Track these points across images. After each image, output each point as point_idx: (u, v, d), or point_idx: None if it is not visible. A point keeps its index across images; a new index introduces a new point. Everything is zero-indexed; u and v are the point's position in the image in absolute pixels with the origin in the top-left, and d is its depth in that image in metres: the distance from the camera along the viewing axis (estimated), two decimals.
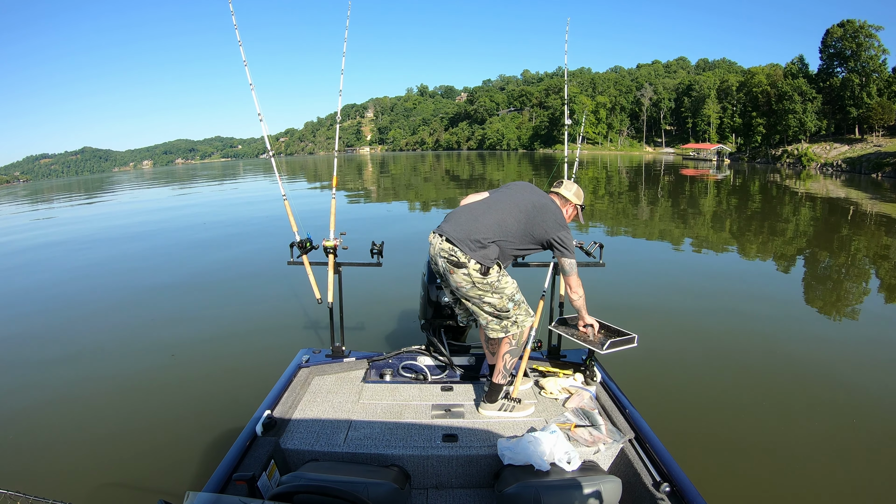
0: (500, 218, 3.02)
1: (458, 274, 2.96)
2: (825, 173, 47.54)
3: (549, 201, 3.18)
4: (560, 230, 3.07)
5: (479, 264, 2.94)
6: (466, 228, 2.98)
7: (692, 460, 3.29)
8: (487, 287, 2.99)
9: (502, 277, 3.06)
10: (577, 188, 3.38)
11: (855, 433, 4.39)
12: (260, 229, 16.16)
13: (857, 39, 56.37)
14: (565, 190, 3.35)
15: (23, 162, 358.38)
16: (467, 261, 2.93)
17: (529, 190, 3.25)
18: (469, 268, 2.93)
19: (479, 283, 2.96)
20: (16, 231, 19.96)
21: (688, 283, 9.23)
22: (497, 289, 3.02)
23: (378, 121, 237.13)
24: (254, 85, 3.76)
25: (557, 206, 3.19)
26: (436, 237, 3.06)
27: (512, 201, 3.11)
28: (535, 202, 3.12)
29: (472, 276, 2.95)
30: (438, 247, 3.02)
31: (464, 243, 2.93)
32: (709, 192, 29.06)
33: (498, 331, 3.09)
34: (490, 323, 3.09)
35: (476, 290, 2.99)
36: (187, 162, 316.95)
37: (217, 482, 2.36)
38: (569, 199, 3.33)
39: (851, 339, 6.70)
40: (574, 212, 3.37)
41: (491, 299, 3.02)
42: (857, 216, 18.97)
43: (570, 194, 3.33)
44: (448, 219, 3.11)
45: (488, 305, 3.04)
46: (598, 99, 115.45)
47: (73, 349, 6.59)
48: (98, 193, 45.68)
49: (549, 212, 3.10)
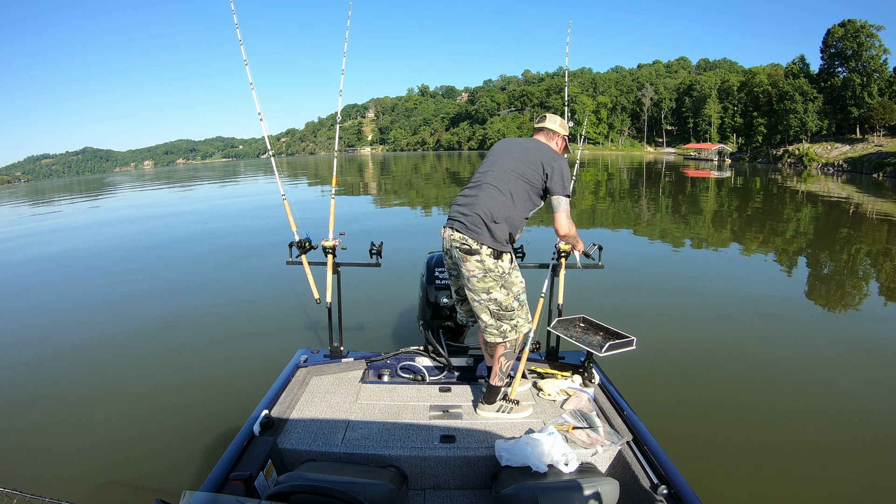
0: (497, 185, 3.02)
1: (470, 261, 2.95)
2: (826, 173, 47.54)
3: (536, 142, 3.21)
4: (556, 159, 3.07)
5: (492, 249, 2.93)
6: (471, 213, 2.98)
7: (690, 462, 3.27)
8: (498, 277, 2.97)
9: (513, 270, 3.05)
10: (560, 119, 3.36)
11: (854, 435, 4.37)
12: (259, 230, 16.15)
13: (858, 39, 56.44)
14: (550, 123, 3.33)
15: (24, 162, 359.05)
16: (479, 247, 2.93)
17: (511, 143, 3.25)
18: (482, 254, 2.93)
19: (492, 270, 2.95)
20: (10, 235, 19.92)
21: (686, 286, 9.21)
22: (507, 282, 3.01)
23: (379, 121, 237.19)
24: (254, 85, 3.74)
25: (545, 144, 3.23)
26: (446, 230, 3.09)
27: (501, 164, 3.10)
28: (524, 147, 3.15)
29: (484, 263, 2.94)
30: (450, 238, 3.04)
31: (473, 230, 2.94)
32: (710, 192, 29.04)
33: (496, 335, 3.07)
34: (489, 327, 3.07)
35: (486, 281, 2.96)
36: (188, 162, 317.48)
37: (214, 482, 2.36)
38: (556, 130, 3.31)
39: (851, 340, 6.68)
40: (563, 143, 3.37)
41: (498, 294, 2.99)
42: (858, 216, 18.95)
43: (555, 126, 3.31)
44: (453, 210, 3.12)
45: (494, 303, 3.01)
46: (599, 99, 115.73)
47: (71, 349, 6.58)
48: (97, 195, 45.59)
49: (541, 150, 3.12)
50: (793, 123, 60.75)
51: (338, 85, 4.36)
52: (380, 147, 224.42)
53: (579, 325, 3.68)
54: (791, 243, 13.45)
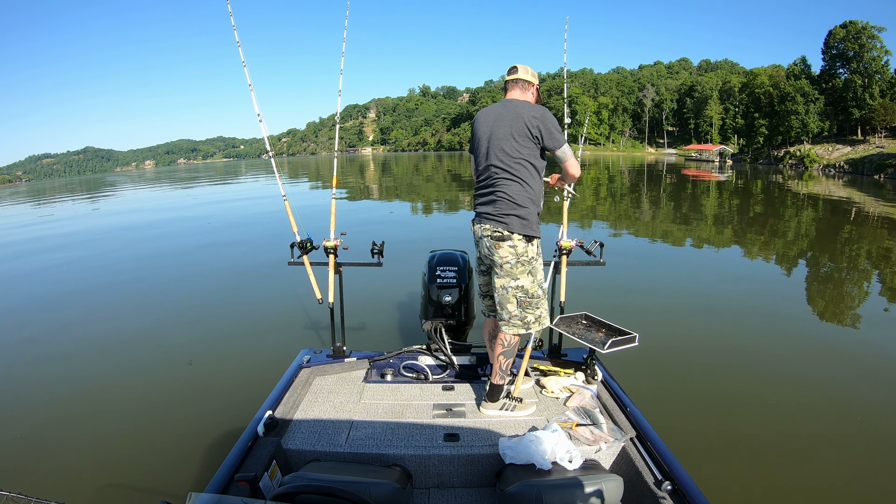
0: (505, 174, 3.01)
1: (503, 248, 2.99)
2: (827, 174, 47.49)
3: (513, 108, 3.06)
4: (539, 119, 2.98)
5: (522, 235, 2.98)
6: (496, 205, 3.02)
7: (694, 459, 3.28)
8: (527, 262, 3.01)
9: (538, 258, 3.10)
10: (530, 68, 3.24)
11: (858, 432, 4.37)
12: (260, 230, 16.17)
13: (859, 40, 56.46)
14: (523, 73, 3.20)
15: (25, 161, 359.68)
16: (510, 234, 2.97)
17: (494, 119, 3.11)
18: (514, 239, 2.97)
19: (523, 256, 3.00)
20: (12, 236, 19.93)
21: (689, 282, 9.23)
22: (534, 268, 3.06)
23: (380, 121, 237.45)
24: (253, 86, 3.74)
25: (521, 103, 3.09)
26: (476, 225, 3.13)
27: (496, 148, 3.04)
28: (508, 121, 3.03)
29: (516, 248, 2.98)
30: (481, 230, 3.09)
31: (501, 220, 2.98)
32: (711, 192, 29.02)
33: (520, 326, 3.08)
34: (513, 318, 3.08)
35: (518, 268, 3.00)
36: (189, 162, 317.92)
37: (219, 483, 2.36)
38: (530, 80, 3.20)
39: (854, 337, 6.69)
40: (537, 92, 3.27)
41: (525, 282, 3.03)
42: (860, 217, 18.93)
43: (528, 76, 3.20)
44: (478, 205, 3.15)
45: (520, 291, 3.03)
46: (600, 100, 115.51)
47: (74, 350, 6.59)
48: (97, 196, 45.61)
49: (519, 117, 3.00)
50: (794, 125, 60.77)
51: (338, 85, 4.36)
52: (381, 147, 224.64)
53: (582, 322, 3.68)
54: (792, 244, 13.42)
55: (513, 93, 3.21)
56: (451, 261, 4.15)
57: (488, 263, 3.18)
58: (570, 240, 3.84)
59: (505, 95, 3.24)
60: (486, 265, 3.22)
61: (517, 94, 3.20)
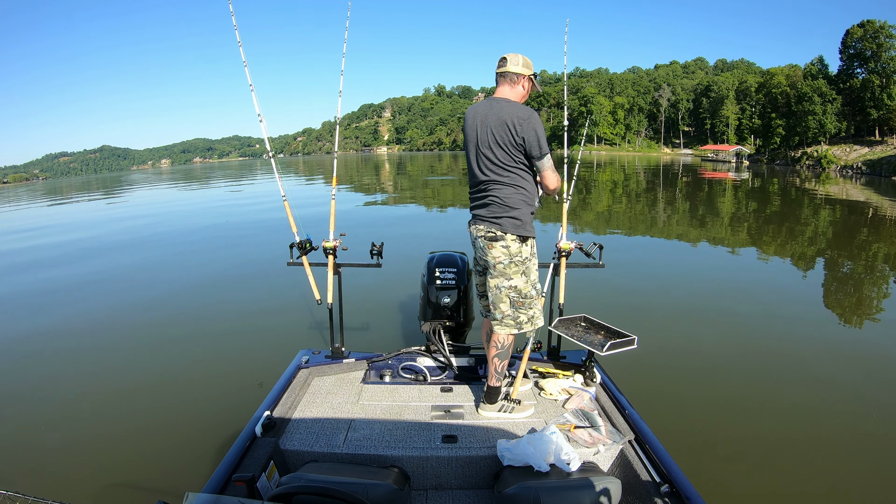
0: (496, 178, 3.00)
1: (496, 248, 3.00)
2: (845, 175, 46.89)
3: (498, 110, 2.96)
4: (524, 126, 2.89)
5: (516, 235, 2.98)
6: (488, 208, 3.02)
7: (692, 461, 3.24)
8: (520, 263, 3.01)
9: (533, 258, 3.10)
10: (522, 57, 3.05)
11: (859, 434, 4.32)
12: (259, 230, 16.23)
13: (877, 40, 55.65)
14: (512, 65, 3.02)
15: (42, 160, 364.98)
16: (504, 235, 2.97)
17: (480, 123, 3.03)
18: (507, 240, 2.98)
19: (517, 256, 3.00)
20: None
21: (688, 285, 9.14)
22: (528, 268, 3.06)
23: (395, 120, 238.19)
24: (253, 86, 3.78)
25: (508, 104, 2.98)
26: (472, 226, 3.15)
27: (484, 156, 3.01)
28: (493, 126, 2.95)
29: (510, 249, 2.98)
30: (475, 230, 3.10)
31: (495, 221, 2.99)
32: (726, 194, 28.79)
33: (512, 326, 3.09)
34: (506, 318, 3.08)
35: (511, 268, 3.01)
36: (205, 161, 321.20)
37: (216, 483, 2.36)
38: (519, 72, 3.03)
39: (856, 340, 6.62)
40: (529, 83, 3.10)
41: (518, 282, 3.03)
42: (877, 220, 18.67)
43: (518, 68, 3.02)
44: (473, 208, 3.15)
45: (514, 291, 3.04)
46: (616, 99, 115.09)
47: (72, 349, 6.62)
48: (112, 195, 46.07)
49: (503, 125, 2.91)
50: (811, 125, 60.01)
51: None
52: (396, 147, 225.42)
53: (580, 324, 3.67)
54: (800, 246, 13.19)
55: (501, 89, 3.09)
56: (450, 262, 4.16)
57: (483, 264, 3.18)
58: (569, 242, 3.82)
59: (496, 88, 3.15)
60: (482, 265, 3.22)
61: (505, 90, 3.07)
